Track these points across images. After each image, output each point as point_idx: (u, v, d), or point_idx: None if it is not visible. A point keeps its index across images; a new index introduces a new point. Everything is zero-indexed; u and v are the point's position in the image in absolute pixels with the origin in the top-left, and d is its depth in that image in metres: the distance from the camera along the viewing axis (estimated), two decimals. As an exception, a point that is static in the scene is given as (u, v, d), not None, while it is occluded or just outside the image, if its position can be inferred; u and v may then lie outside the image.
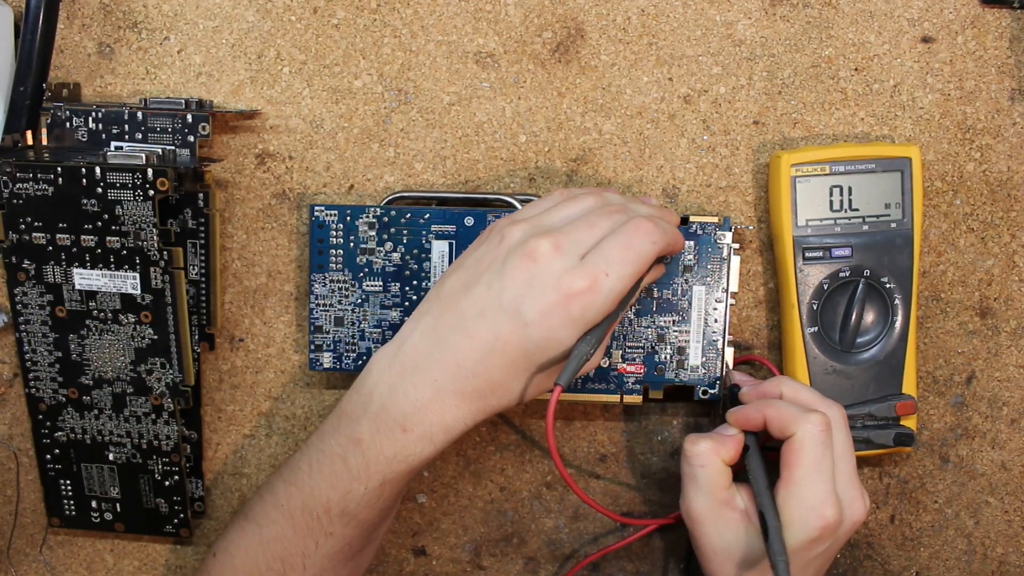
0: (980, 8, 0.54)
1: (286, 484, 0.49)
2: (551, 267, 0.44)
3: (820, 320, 0.54)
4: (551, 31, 0.55)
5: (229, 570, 0.50)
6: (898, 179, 0.53)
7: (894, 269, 0.54)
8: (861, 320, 0.54)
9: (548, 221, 0.47)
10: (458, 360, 0.45)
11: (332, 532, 0.47)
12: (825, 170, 0.53)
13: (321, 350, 0.55)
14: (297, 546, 0.48)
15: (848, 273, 0.54)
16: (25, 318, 0.54)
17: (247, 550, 0.49)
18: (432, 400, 0.46)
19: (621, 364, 0.54)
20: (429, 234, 0.54)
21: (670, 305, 0.54)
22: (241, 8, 0.55)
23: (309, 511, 0.47)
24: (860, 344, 0.54)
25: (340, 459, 0.47)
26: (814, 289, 0.54)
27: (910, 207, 0.53)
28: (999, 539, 0.59)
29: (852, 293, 0.54)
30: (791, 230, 0.53)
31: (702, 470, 0.48)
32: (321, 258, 0.54)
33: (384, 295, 0.54)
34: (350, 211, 0.54)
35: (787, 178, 0.53)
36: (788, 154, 0.53)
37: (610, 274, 0.44)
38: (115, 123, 0.54)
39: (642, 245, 0.45)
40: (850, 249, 0.53)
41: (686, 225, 0.53)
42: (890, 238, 0.53)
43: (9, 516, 0.60)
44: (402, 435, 0.46)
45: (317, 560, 0.48)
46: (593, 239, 0.45)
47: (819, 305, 0.54)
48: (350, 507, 0.47)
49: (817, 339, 0.54)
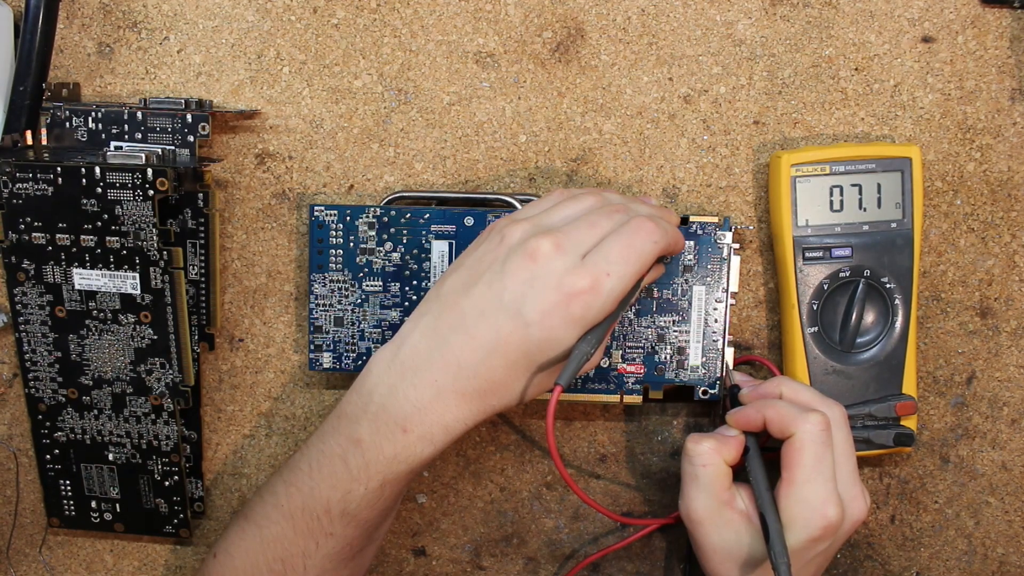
0: (980, 8, 0.54)
1: (286, 485, 0.48)
2: (552, 267, 0.44)
3: (820, 320, 0.54)
4: (551, 31, 0.55)
5: (229, 571, 0.50)
6: (898, 179, 0.53)
7: (894, 269, 0.53)
8: (861, 320, 0.54)
9: (548, 221, 0.47)
10: (459, 360, 0.45)
11: (333, 532, 0.47)
12: (825, 170, 0.53)
13: (321, 350, 0.55)
14: (298, 547, 0.48)
15: (848, 273, 0.53)
16: (25, 318, 0.53)
17: (247, 551, 0.49)
18: (432, 400, 0.45)
19: (621, 364, 0.54)
20: (429, 234, 0.54)
21: (670, 305, 0.54)
22: (241, 8, 0.55)
23: (309, 512, 0.47)
24: (860, 344, 0.54)
25: (340, 460, 0.47)
26: (814, 289, 0.54)
27: (910, 207, 0.53)
28: (999, 539, 0.59)
29: (852, 293, 0.54)
30: (791, 230, 0.53)
31: (704, 470, 0.48)
32: (321, 258, 0.54)
33: (384, 295, 0.54)
34: (350, 211, 0.54)
35: (787, 178, 0.53)
36: (788, 154, 0.53)
37: (611, 274, 0.44)
38: (115, 123, 0.54)
39: (643, 245, 0.45)
40: (850, 249, 0.53)
41: (686, 225, 0.53)
42: (890, 238, 0.53)
43: (9, 516, 0.60)
44: (402, 436, 0.46)
45: (318, 561, 0.48)
46: (594, 239, 0.45)
47: (819, 305, 0.54)
48: (350, 508, 0.47)
49: (817, 339, 0.54)
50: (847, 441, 0.48)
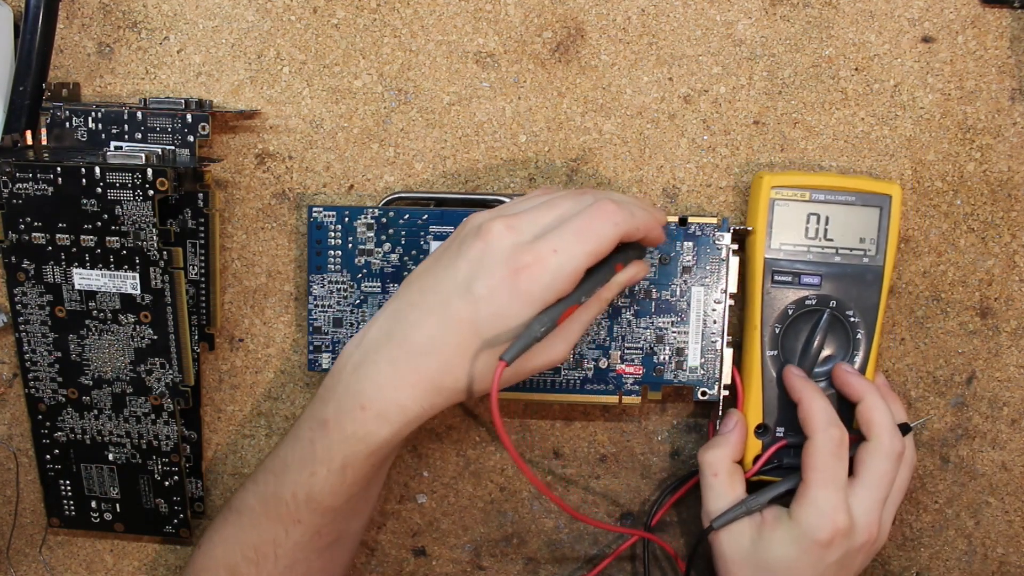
0: (980, 8, 0.54)
1: (265, 472, 0.49)
2: (502, 244, 0.44)
3: (781, 344, 0.54)
4: (551, 31, 0.55)
5: (210, 560, 0.50)
6: (876, 215, 0.53)
7: (861, 304, 0.53)
8: (821, 350, 0.53)
9: (514, 209, 0.47)
10: (413, 338, 0.45)
11: (300, 519, 0.48)
12: (805, 196, 0.53)
13: (320, 351, 0.55)
14: (269, 533, 0.48)
15: (815, 301, 0.53)
16: (25, 318, 0.53)
17: (226, 539, 0.50)
18: (389, 379, 0.46)
19: (620, 365, 0.54)
20: (427, 235, 0.54)
21: (669, 306, 0.54)
22: (241, 8, 0.55)
23: (279, 497, 0.48)
24: (818, 374, 0.54)
25: (309, 442, 0.47)
26: (779, 313, 0.53)
27: (884, 244, 0.53)
28: (999, 539, 0.59)
29: (816, 322, 0.53)
30: (763, 251, 0.53)
31: (715, 478, 0.50)
32: (320, 259, 0.54)
33: (382, 296, 0.54)
34: (348, 212, 0.54)
35: (766, 199, 0.53)
36: (770, 175, 0.53)
37: (559, 250, 0.43)
38: (115, 123, 0.54)
39: (600, 226, 0.44)
40: (819, 278, 0.53)
41: (685, 226, 0.53)
42: (861, 272, 0.53)
43: (9, 516, 0.60)
44: (360, 413, 0.46)
45: (288, 549, 0.49)
46: (551, 220, 0.45)
47: (782, 329, 0.54)
48: (314, 492, 0.47)
49: (776, 363, 0.54)
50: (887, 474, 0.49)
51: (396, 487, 0.60)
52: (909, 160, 0.55)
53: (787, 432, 0.53)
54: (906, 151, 0.55)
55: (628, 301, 0.54)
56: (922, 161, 0.55)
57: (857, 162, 0.55)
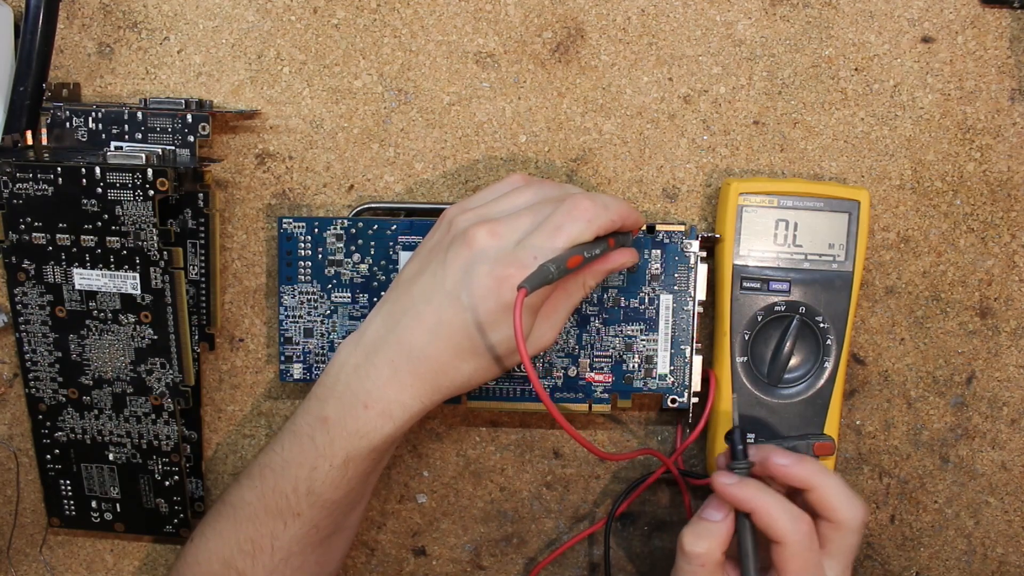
0: (980, 8, 0.54)
1: (260, 467, 0.50)
2: (486, 254, 0.46)
3: (750, 351, 0.54)
4: (551, 31, 0.55)
5: (204, 552, 0.51)
6: (845, 221, 0.53)
7: (830, 310, 0.53)
8: (791, 356, 0.54)
9: (495, 209, 0.48)
10: (410, 342, 0.47)
11: (300, 512, 0.49)
12: (773, 203, 0.53)
13: (291, 361, 0.55)
14: (267, 527, 0.49)
15: (784, 308, 0.53)
16: (25, 318, 0.54)
17: (221, 532, 0.50)
18: (390, 379, 0.47)
19: (589, 373, 0.55)
20: (396, 245, 0.54)
21: (637, 314, 0.54)
22: (241, 8, 0.55)
23: (279, 491, 0.49)
24: (787, 380, 0.54)
25: (308, 438, 0.48)
26: (748, 319, 0.54)
27: (853, 250, 0.53)
28: (999, 539, 0.59)
29: (785, 328, 0.53)
30: (732, 257, 0.53)
31: (702, 569, 0.47)
32: (290, 270, 0.54)
33: (352, 306, 0.55)
34: (318, 223, 0.54)
35: (734, 205, 0.53)
36: (738, 182, 0.53)
37: (539, 256, 0.45)
38: (115, 123, 0.54)
39: (573, 226, 0.46)
40: (788, 284, 0.53)
41: (653, 234, 0.53)
42: (829, 279, 0.53)
43: (9, 516, 0.60)
44: (363, 411, 0.47)
45: (285, 542, 0.49)
46: (530, 225, 0.46)
47: (751, 336, 0.54)
48: (316, 486, 0.48)
49: (745, 369, 0.54)
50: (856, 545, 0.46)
51: (396, 487, 0.60)
52: (909, 160, 0.55)
53: (757, 438, 0.54)
54: (906, 151, 0.55)
55: (597, 309, 0.54)
56: (922, 161, 0.55)
57: (857, 162, 0.55)
